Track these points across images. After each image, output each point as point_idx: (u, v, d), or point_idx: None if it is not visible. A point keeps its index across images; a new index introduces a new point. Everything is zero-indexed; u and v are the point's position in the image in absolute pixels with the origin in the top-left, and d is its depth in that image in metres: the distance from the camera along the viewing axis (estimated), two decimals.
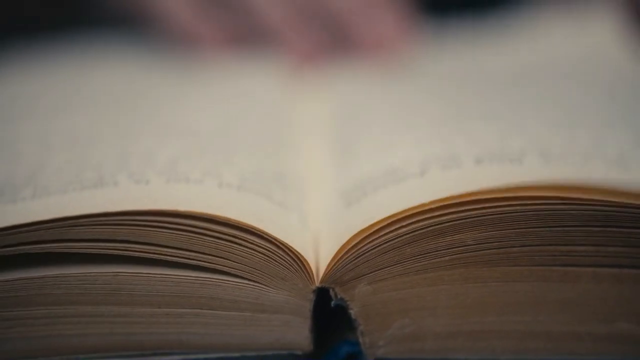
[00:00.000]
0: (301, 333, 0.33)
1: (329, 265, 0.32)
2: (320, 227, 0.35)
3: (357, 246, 0.32)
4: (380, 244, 0.32)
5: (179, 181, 0.34)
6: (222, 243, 0.32)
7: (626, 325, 0.32)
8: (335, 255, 0.32)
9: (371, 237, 0.32)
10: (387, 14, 0.54)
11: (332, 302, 0.32)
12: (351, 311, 0.32)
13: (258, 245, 0.32)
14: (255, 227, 0.31)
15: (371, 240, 0.32)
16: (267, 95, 0.49)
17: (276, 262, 0.32)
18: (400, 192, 0.34)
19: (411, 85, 0.50)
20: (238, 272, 0.32)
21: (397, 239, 0.32)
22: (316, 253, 0.33)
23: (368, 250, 0.32)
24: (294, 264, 0.32)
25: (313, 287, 0.32)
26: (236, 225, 0.31)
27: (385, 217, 0.31)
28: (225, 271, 0.32)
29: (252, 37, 0.54)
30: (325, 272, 0.32)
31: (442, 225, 0.32)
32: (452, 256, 0.32)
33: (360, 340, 0.33)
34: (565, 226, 0.32)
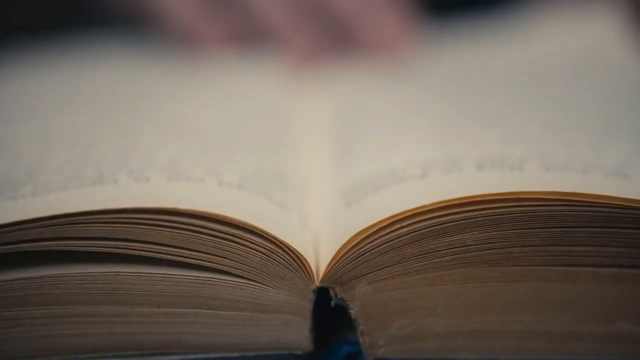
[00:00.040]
0: (301, 333, 0.33)
1: (329, 265, 0.32)
2: (320, 227, 0.35)
3: (357, 246, 0.32)
4: (380, 244, 0.32)
5: (179, 179, 0.34)
6: (222, 242, 0.32)
7: (626, 325, 0.32)
8: (335, 255, 0.32)
9: (371, 237, 0.32)
10: (389, 14, 0.54)
11: (332, 302, 0.32)
12: (351, 311, 0.32)
13: (258, 245, 0.32)
14: (255, 227, 0.31)
15: (371, 240, 0.32)
16: (268, 94, 0.49)
17: (276, 261, 0.32)
18: (400, 192, 0.33)
19: (412, 85, 0.50)
20: (238, 272, 0.32)
21: (397, 239, 0.32)
22: (316, 253, 0.33)
23: (368, 250, 0.32)
24: (294, 264, 0.32)
25: (313, 286, 0.32)
26: (236, 224, 0.31)
27: (386, 218, 0.31)
28: (225, 270, 0.32)
29: (252, 37, 0.54)
30: (325, 272, 0.32)
31: (442, 225, 0.32)
32: (452, 256, 0.32)
33: (360, 340, 0.33)
34: (565, 227, 0.32)
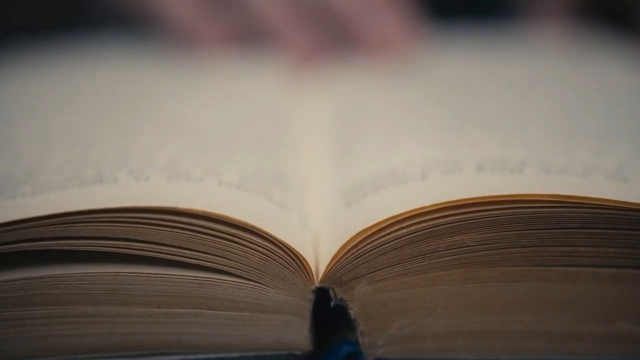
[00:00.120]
0: (301, 333, 0.33)
1: (329, 266, 0.32)
2: (320, 227, 0.35)
3: (357, 246, 0.32)
4: (380, 245, 0.32)
5: (179, 179, 0.34)
6: (222, 242, 0.32)
7: (626, 325, 0.32)
8: (335, 255, 0.32)
9: (371, 237, 0.32)
10: (389, 14, 0.54)
11: (332, 302, 0.32)
12: (351, 311, 0.32)
13: (258, 245, 0.32)
14: (255, 226, 0.31)
15: (371, 240, 0.32)
16: (267, 94, 0.49)
17: (276, 261, 0.32)
18: (400, 193, 0.33)
19: (412, 86, 0.50)
20: (237, 272, 0.32)
21: (397, 240, 0.32)
22: (316, 253, 0.33)
23: (368, 251, 0.32)
24: (293, 264, 0.32)
25: (313, 287, 0.32)
26: (236, 224, 0.31)
27: (386, 218, 0.31)
28: (224, 271, 0.32)
29: (252, 36, 0.54)
30: (325, 272, 0.32)
31: (442, 227, 0.31)
32: (452, 257, 0.32)
33: (360, 340, 0.33)
34: (565, 228, 0.32)
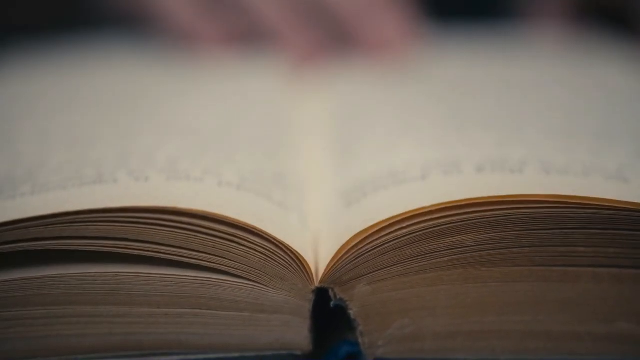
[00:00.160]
0: (301, 333, 0.33)
1: (329, 266, 0.32)
2: (320, 227, 0.35)
3: (356, 247, 0.32)
4: (380, 245, 0.32)
5: (179, 179, 0.34)
6: (222, 242, 0.32)
7: (626, 325, 0.32)
8: (335, 255, 0.32)
9: (371, 237, 0.32)
10: (389, 14, 0.54)
11: (332, 303, 0.32)
12: (350, 311, 0.32)
13: (257, 245, 0.32)
14: (255, 227, 0.31)
15: (371, 240, 0.32)
16: (267, 94, 0.49)
17: (276, 262, 0.32)
18: (400, 194, 0.33)
19: (412, 87, 0.50)
20: (237, 272, 0.32)
21: (397, 240, 0.32)
22: (316, 253, 0.33)
23: (368, 251, 0.32)
24: (293, 264, 0.32)
25: (312, 287, 0.32)
26: (236, 224, 0.31)
27: (386, 219, 0.31)
28: (224, 271, 0.32)
29: (252, 36, 0.54)
30: (324, 272, 0.32)
31: (442, 227, 0.31)
32: (452, 257, 0.32)
33: (360, 340, 0.33)
34: (565, 229, 0.32)
